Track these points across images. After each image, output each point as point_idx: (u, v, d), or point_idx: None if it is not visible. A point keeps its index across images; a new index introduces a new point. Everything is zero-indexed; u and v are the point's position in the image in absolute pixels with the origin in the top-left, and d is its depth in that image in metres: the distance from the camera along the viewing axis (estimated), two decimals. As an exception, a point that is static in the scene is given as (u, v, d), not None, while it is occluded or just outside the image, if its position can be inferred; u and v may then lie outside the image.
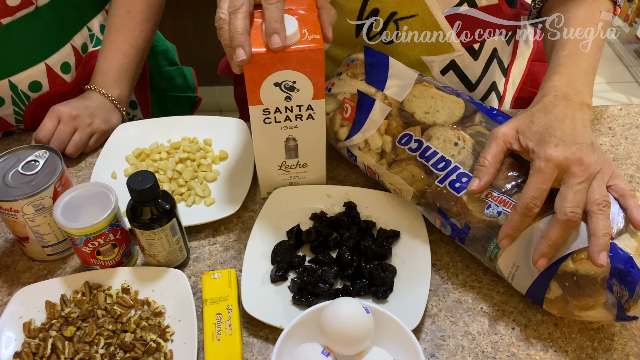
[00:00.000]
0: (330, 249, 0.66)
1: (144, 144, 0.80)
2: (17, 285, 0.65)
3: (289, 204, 0.70)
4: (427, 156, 0.62)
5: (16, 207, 0.60)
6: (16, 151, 0.65)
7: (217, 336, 0.57)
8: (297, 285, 0.62)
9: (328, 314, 0.51)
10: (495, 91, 0.87)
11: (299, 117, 0.64)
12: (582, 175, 0.53)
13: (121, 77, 0.86)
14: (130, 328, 0.58)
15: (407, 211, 0.69)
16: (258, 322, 0.60)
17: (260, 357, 0.58)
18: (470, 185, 0.58)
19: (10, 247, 0.69)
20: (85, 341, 0.57)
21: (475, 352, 0.58)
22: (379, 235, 0.67)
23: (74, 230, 0.58)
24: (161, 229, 0.60)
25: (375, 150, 0.67)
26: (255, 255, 0.65)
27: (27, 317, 0.60)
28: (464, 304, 0.62)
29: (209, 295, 0.60)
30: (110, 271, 0.63)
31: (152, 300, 0.61)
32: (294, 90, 0.61)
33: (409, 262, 0.64)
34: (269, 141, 0.67)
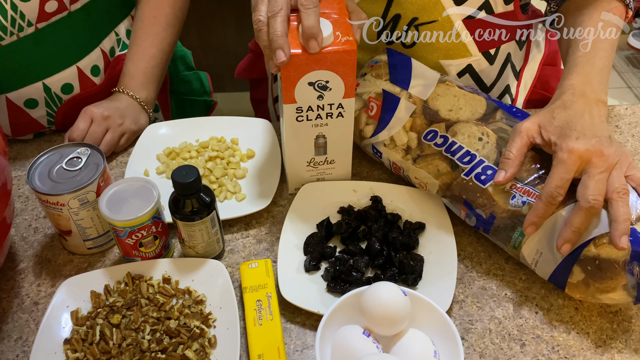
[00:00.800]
0: (359, 240, 0.69)
1: (173, 143, 0.83)
2: (59, 277, 0.67)
3: (317, 199, 0.74)
4: (453, 151, 0.66)
5: (62, 201, 0.63)
6: (59, 148, 0.67)
7: (258, 321, 0.59)
8: (331, 274, 0.65)
9: (369, 296, 0.54)
10: (509, 94, 0.91)
11: (329, 115, 0.68)
12: (603, 166, 0.57)
13: (148, 80, 0.89)
14: (174, 315, 0.61)
15: (431, 204, 0.72)
16: (294, 309, 0.63)
17: (298, 342, 0.61)
18: (496, 177, 0.61)
19: (49, 241, 0.72)
20: (132, 328, 0.60)
21: (502, 335, 0.61)
22: (405, 227, 0.70)
23: (119, 222, 0.61)
24: (201, 221, 0.63)
25: (401, 146, 0.70)
26: (288, 246, 0.68)
27: (73, 306, 0.62)
28: (489, 291, 0.65)
29: (248, 284, 0.63)
30: (151, 262, 0.66)
31: (193, 290, 0.64)
32: (326, 89, 0.65)
33: (435, 252, 0.67)
34: (299, 138, 0.70)
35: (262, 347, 0.57)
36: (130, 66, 0.88)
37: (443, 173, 0.67)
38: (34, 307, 0.64)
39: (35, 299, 0.65)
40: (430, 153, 0.68)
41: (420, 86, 0.71)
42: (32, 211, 0.75)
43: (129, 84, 0.87)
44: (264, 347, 0.57)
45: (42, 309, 0.64)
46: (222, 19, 1.93)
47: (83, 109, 0.82)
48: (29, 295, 0.66)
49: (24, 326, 0.63)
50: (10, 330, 0.62)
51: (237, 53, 2.09)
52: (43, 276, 0.68)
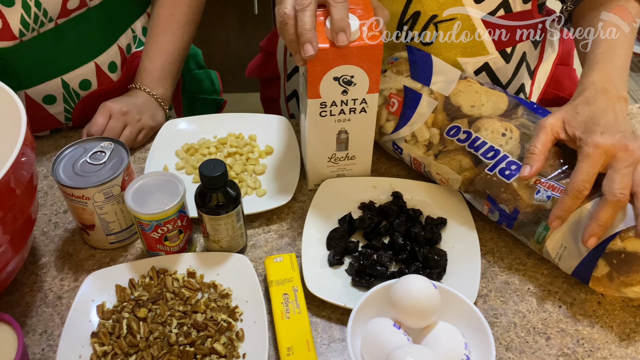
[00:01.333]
0: (381, 236, 0.70)
1: (191, 139, 0.83)
2: (81, 272, 0.67)
3: (338, 195, 0.74)
4: (477, 146, 0.66)
5: (88, 194, 0.63)
6: (83, 142, 0.67)
7: (286, 315, 0.59)
8: (356, 269, 0.65)
9: (400, 289, 0.54)
10: (523, 92, 0.91)
11: (352, 110, 0.68)
12: (628, 160, 0.58)
13: (165, 77, 0.89)
14: (201, 309, 0.61)
15: (452, 200, 0.73)
16: (319, 302, 0.63)
17: (325, 335, 0.61)
18: (521, 171, 0.62)
19: (70, 236, 0.71)
20: (158, 322, 0.60)
21: (527, 329, 0.62)
22: (427, 223, 0.70)
23: (145, 216, 0.61)
24: (227, 215, 0.63)
25: (423, 142, 0.71)
26: (311, 241, 0.68)
27: (99, 300, 0.62)
28: (512, 285, 0.66)
29: (273, 277, 0.63)
30: (175, 257, 0.66)
31: (219, 283, 0.64)
32: (351, 84, 0.65)
33: (458, 246, 0.68)
34: (321, 134, 0.70)
35: (291, 340, 0.57)
36: (147, 63, 0.88)
37: (466, 168, 0.68)
38: (57, 301, 0.64)
39: (59, 293, 0.65)
40: (453, 149, 0.69)
41: (441, 82, 0.71)
42: (51, 206, 0.75)
43: (146, 80, 0.87)
44: (293, 340, 0.57)
45: (66, 303, 0.64)
46: (224, 20, 1.93)
47: (101, 105, 0.82)
48: (52, 290, 0.65)
49: (49, 320, 0.62)
50: (35, 324, 0.62)
51: (238, 54, 2.10)
52: (65, 271, 0.67)
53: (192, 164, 0.79)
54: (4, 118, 0.60)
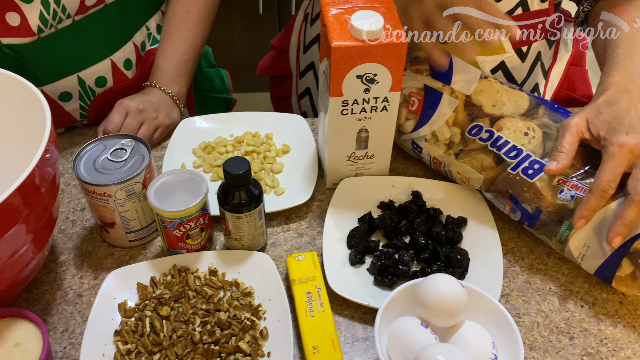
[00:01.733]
0: (402, 235, 0.69)
1: (207, 138, 0.83)
2: (100, 270, 0.67)
3: (357, 194, 0.74)
4: (499, 145, 0.66)
5: (109, 192, 0.62)
6: (103, 139, 0.67)
7: (309, 313, 0.59)
8: (378, 268, 0.65)
9: (427, 287, 0.54)
10: (537, 92, 0.92)
11: (374, 108, 0.68)
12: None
13: (180, 75, 0.89)
14: (224, 307, 0.60)
15: (471, 199, 0.73)
16: (342, 301, 0.63)
17: (348, 334, 0.61)
18: (548, 165, 0.62)
19: (88, 234, 0.71)
20: (181, 320, 0.59)
21: (550, 328, 0.62)
22: (447, 222, 0.70)
23: (168, 213, 0.61)
24: (249, 213, 0.63)
25: (443, 141, 0.71)
26: (331, 240, 0.68)
27: (120, 298, 0.62)
28: (533, 285, 0.66)
29: (296, 276, 0.63)
30: (196, 255, 0.65)
31: (241, 282, 0.63)
32: (373, 82, 0.65)
33: (479, 246, 0.68)
34: (342, 132, 0.70)
35: (316, 339, 0.57)
36: (162, 61, 0.87)
37: (488, 167, 0.68)
38: (78, 299, 0.64)
39: (79, 291, 0.64)
40: (475, 148, 0.68)
41: (462, 81, 0.71)
42: (68, 204, 0.74)
43: (161, 78, 0.87)
44: (318, 339, 0.57)
45: (86, 301, 0.63)
46: (229, 20, 1.93)
47: (117, 102, 0.81)
48: (72, 288, 0.65)
49: (70, 318, 0.62)
50: (56, 322, 0.61)
51: (243, 54, 2.10)
52: (85, 269, 0.67)
53: (210, 162, 0.78)
54: (28, 114, 0.60)
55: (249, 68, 1.48)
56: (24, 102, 0.61)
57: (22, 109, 0.61)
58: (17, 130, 0.63)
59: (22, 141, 0.62)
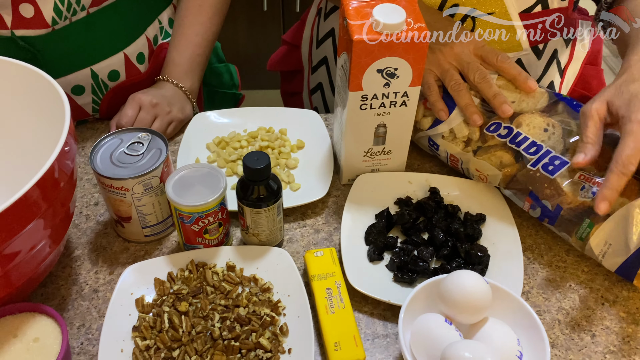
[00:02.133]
0: (420, 231, 0.69)
1: (221, 133, 0.82)
2: (116, 265, 0.66)
3: (373, 190, 0.73)
4: (518, 142, 0.66)
5: (127, 186, 0.61)
6: (119, 133, 0.66)
7: (330, 309, 0.59)
8: (397, 264, 0.64)
9: (452, 284, 0.54)
10: (552, 90, 0.91)
11: (393, 103, 0.67)
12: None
13: (192, 69, 0.88)
14: (243, 303, 0.60)
15: (489, 196, 0.72)
16: (361, 298, 0.63)
17: (368, 331, 0.60)
18: (576, 158, 0.60)
19: (103, 229, 0.70)
20: (200, 316, 0.59)
21: (572, 326, 0.61)
22: (466, 219, 0.70)
23: (187, 208, 0.60)
24: (268, 208, 0.62)
25: (462, 138, 0.70)
26: (349, 236, 0.67)
27: (137, 294, 0.61)
28: (553, 282, 0.65)
29: (315, 272, 0.62)
30: (214, 250, 0.64)
31: (259, 277, 0.63)
32: (394, 77, 0.64)
33: (498, 243, 0.67)
34: (360, 127, 0.69)
35: (337, 336, 0.56)
36: (175, 55, 0.87)
37: (507, 164, 0.67)
38: (94, 295, 0.63)
39: (95, 287, 0.64)
40: (493, 144, 0.68)
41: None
42: (82, 198, 0.74)
43: (174, 72, 0.86)
44: (340, 335, 0.56)
45: (102, 297, 0.63)
46: (234, 17, 1.92)
47: (130, 96, 0.80)
48: (88, 283, 0.64)
49: (86, 313, 0.61)
50: (72, 318, 0.61)
51: (248, 51, 2.09)
52: (100, 264, 0.66)
53: (225, 157, 0.78)
54: (46, 107, 0.59)
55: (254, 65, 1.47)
56: (41, 94, 0.60)
57: (40, 101, 0.61)
58: (35, 123, 0.62)
59: (40, 134, 0.62)
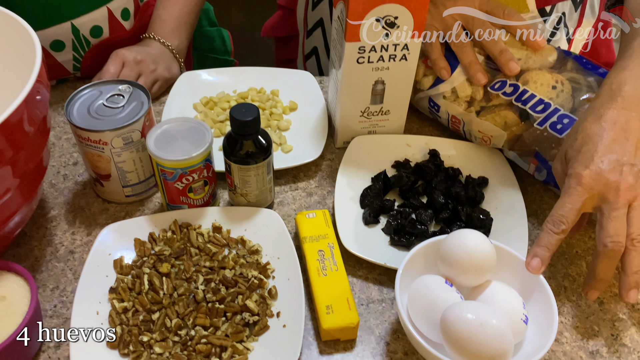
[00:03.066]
0: (419, 195, 0.65)
1: (209, 93, 0.77)
2: (94, 226, 0.62)
3: (370, 152, 0.69)
4: (524, 99, 0.62)
5: (105, 139, 0.57)
6: (98, 85, 0.62)
7: (322, 272, 0.55)
8: (394, 227, 0.60)
9: (454, 243, 0.50)
10: (557, 55, 0.87)
11: (392, 57, 0.63)
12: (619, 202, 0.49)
13: (180, 27, 0.83)
14: (229, 265, 0.56)
15: (492, 159, 0.68)
16: (355, 261, 0.59)
17: (362, 296, 0.57)
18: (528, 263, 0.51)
19: (81, 189, 0.66)
20: (183, 278, 0.55)
21: (578, 292, 0.58)
22: (467, 182, 0.66)
23: (170, 163, 0.56)
24: (257, 166, 0.58)
25: (464, 98, 0.66)
26: (344, 199, 0.63)
27: (116, 255, 0.57)
28: (559, 248, 0.62)
29: (307, 234, 0.58)
30: (199, 210, 0.60)
31: (247, 239, 0.59)
32: (394, 26, 0.60)
33: (501, 207, 0.64)
34: (356, 84, 0.65)
35: (329, 299, 0.52)
36: (162, 12, 0.82)
37: (512, 124, 0.63)
38: (69, 256, 0.59)
39: (71, 248, 0.60)
40: (498, 104, 0.64)
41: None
42: (59, 157, 0.69)
43: (160, 30, 0.81)
44: (332, 299, 0.52)
45: (78, 258, 0.59)
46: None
47: (113, 52, 0.76)
48: (63, 244, 0.60)
49: (60, 275, 0.57)
50: (46, 280, 0.57)
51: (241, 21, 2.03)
52: (77, 224, 0.62)
53: (212, 118, 0.73)
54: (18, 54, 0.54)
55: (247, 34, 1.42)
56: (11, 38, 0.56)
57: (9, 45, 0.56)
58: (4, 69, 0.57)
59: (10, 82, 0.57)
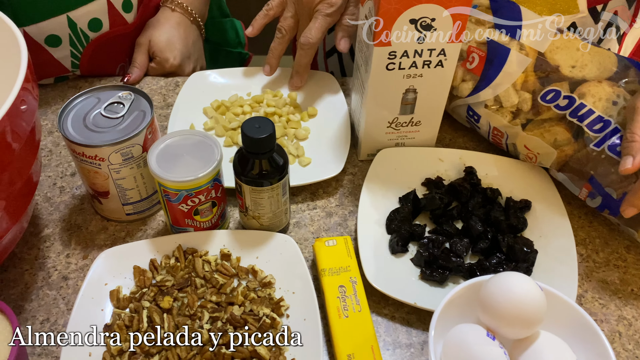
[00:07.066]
0: (453, 219, 0.58)
1: (221, 96, 0.71)
2: (92, 247, 0.56)
3: (397, 168, 0.62)
4: (581, 115, 0.54)
5: (102, 154, 0.51)
6: (95, 91, 0.55)
7: (343, 312, 0.48)
8: (425, 259, 0.53)
9: (497, 289, 0.43)
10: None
11: (427, 63, 0.55)
12: None
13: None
14: (238, 300, 0.49)
15: (536, 179, 0.61)
16: (380, 297, 0.52)
17: (388, 339, 0.50)
18: (622, 164, 0.50)
19: (79, 204, 0.60)
20: (186, 314, 0.49)
21: (635, 340, 0.51)
22: (507, 205, 0.58)
23: (173, 184, 0.49)
24: (271, 187, 0.51)
25: (509, 108, 0.58)
26: (368, 222, 0.57)
27: (112, 285, 0.51)
28: (612, 285, 0.54)
29: (326, 265, 0.51)
30: (206, 234, 0.54)
31: (259, 269, 0.52)
32: (430, 29, 0.52)
33: (546, 236, 0.56)
34: (385, 92, 0.58)
35: (351, 346, 0.46)
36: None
37: (563, 142, 0.55)
38: (62, 283, 0.53)
39: (64, 273, 0.54)
40: (548, 117, 0.56)
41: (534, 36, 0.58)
42: (56, 167, 0.63)
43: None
44: (354, 346, 0.46)
45: (72, 285, 0.53)
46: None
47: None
48: (57, 268, 0.54)
49: (52, 306, 0.51)
50: (35, 310, 0.51)
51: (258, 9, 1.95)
52: (72, 245, 0.56)
53: (224, 125, 0.66)
54: (2, 58, 0.48)
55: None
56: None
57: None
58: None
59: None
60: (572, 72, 0.56)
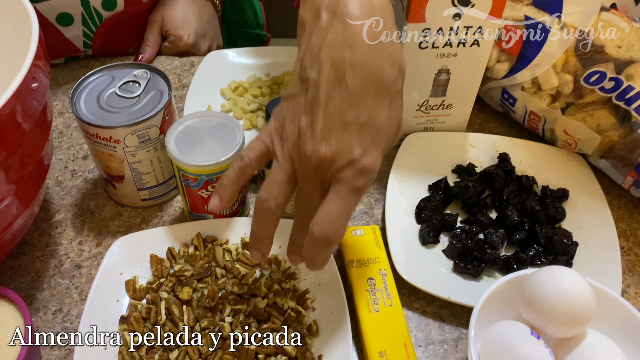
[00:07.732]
0: (486, 208, 0.55)
1: (239, 77, 0.67)
2: (105, 234, 0.53)
3: (426, 154, 0.59)
4: (628, 98, 0.50)
5: (118, 136, 0.48)
6: (109, 69, 0.52)
7: (374, 306, 0.45)
8: (458, 250, 0.50)
9: (543, 284, 0.40)
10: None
11: (462, 42, 0.52)
12: None
13: None
14: (261, 292, 0.47)
15: (573, 167, 0.57)
16: (410, 291, 0.49)
17: (420, 334, 0.47)
18: None
19: (91, 188, 0.57)
20: (207, 306, 0.46)
21: (684, 339, 0.47)
22: (544, 194, 0.55)
23: (193, 168, 0.46)
24: (297, 173, 0.48)
25: (549, 90, 0.55)
26: (396, 211, 0.53)
27: (128, 274, 0.48)
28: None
29: (354, 256, 0.48)
30: (226, 221, 0.51)
31: (282, 259, 0.49)
32: (468, 4, 0.49)
33: (585, 226, 0.53)
34: (416, 72, 0.54)
35: (383, 342, 0.43)
36: None
37: (607, 127, 0.52)
38: (75, 272, 0.50)
39: (77, 261, 0.51)
40: (591, 101, 0.53)
41: (576, 14, 0.54)
42: (67, 150, 0.60)
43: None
44: (386, 342, 0.43)
45: (85, 274, 0.50)
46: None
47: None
48: (69, 256, 0.52)
49: (64, 295, 0.49)
50: (47, 300, 0.48)
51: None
52: (85, 232, 0.53)
53: (242, 107, 0.63)
54: (11, 31, 0.45)
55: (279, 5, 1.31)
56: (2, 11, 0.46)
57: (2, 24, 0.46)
58: None
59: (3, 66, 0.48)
60: (618, 53, 0.52)
